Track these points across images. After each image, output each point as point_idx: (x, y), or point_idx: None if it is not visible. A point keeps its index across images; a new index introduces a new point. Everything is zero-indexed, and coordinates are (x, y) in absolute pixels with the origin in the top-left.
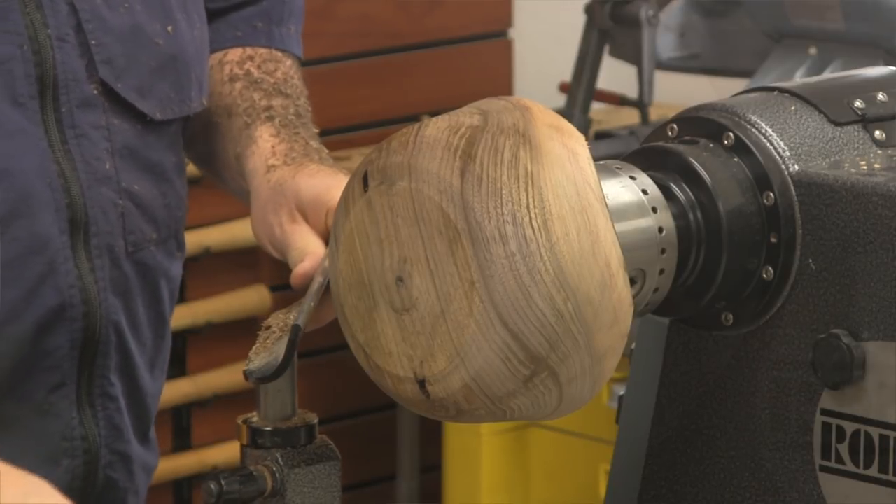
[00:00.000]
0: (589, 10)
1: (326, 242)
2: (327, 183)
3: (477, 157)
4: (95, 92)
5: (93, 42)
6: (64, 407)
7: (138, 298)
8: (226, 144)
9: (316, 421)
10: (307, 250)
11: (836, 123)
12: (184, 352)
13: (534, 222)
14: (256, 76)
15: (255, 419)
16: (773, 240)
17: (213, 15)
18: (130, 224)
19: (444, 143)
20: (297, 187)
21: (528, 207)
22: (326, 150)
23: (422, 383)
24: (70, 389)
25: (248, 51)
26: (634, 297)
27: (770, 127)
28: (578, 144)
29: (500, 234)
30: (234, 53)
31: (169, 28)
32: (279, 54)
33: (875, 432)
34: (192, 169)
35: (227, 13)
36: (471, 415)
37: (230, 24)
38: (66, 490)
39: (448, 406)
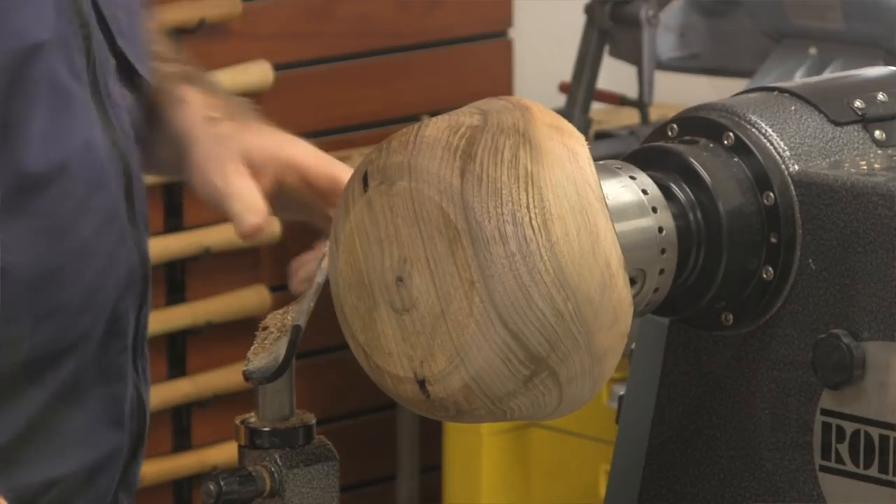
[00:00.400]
0: (589, 10)
1: (269, 201)
2: (278, 141)
3: (477, 157)
4: (114, 63)
5: (107, 14)
6: (128, 371)
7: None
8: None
9: (314, 421)
10: (254, 206)
11: (836, 123)
12: (184, 352)
13: (534, 222)
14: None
15: (253, 420)
16: (773, 240)
17: None
18: (140, 205)
19: (444, 143)
20: (246, 145)
21: (528, 207)
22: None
23: (422, 383)
24: (130, 353)
25: None
26: (634, 297)
27: (770, 127)
28: (578, 144)
29: (500, 234)
30: None
31: None
32: None
33: (875, 432)
34: None
35: None
36: (471, 415)
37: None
38: (127, 453)
39: (448, 406)
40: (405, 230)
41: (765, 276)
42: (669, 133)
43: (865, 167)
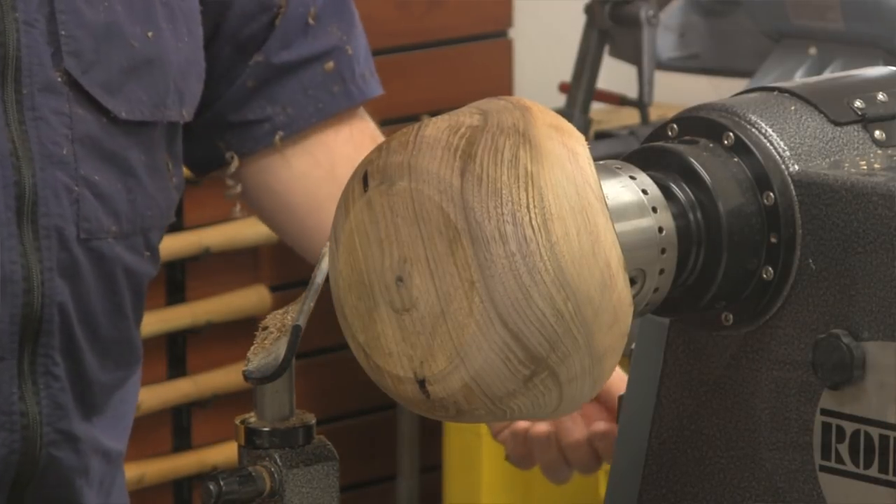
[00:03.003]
0: (589, 10)
1: None
2: None
3: (477, 157)
4: (60, 80)
5: (63, 32)
6: (4, 380)
7: (90, 285)
8: None
9: (314, 421)
10: None
11: (836, 123)
12: (184, 352)
13: (534, 222)
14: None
15: (253, 420)
16: (773, 240)
17: (282, 72)
18: (86, 211)
19: (444, 143)
20: None
21: (527, 207)
22: None
23: (422, 383)
24: (10, 364)
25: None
26: (634, 297)
27: (770, 127)
28: (578, 144)
29: (500, 234)
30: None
31: (150, 34)
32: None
33: (875, 432)
34: (188, 171)
35: (296, 71)
36: (471, 415)
37: (306, 92)
38: (2, 464)
39: (448, 406)
40: (405, 230)
41: (765, 276)
42: (669, 133)
43: (865, 167)
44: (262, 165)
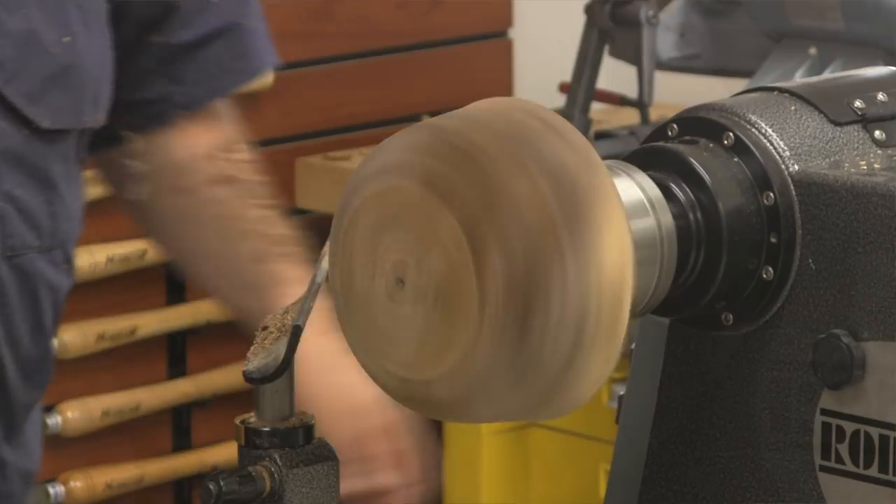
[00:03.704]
0: (589, 10)
1: None
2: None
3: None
4: None
5: None
6: None
7: (15, 303)
8: (227, 254)
9: (314, 421)
10: None
11: (836, 123)
12: (184, 352)
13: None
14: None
15: (252, 420)
16: (773, 240)
17: (181, 52)
18: (10, 228)
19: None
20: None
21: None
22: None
23: (422, 383)
24: None
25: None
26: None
27: (770, 127)
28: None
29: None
30: (211, 142)
31: (65, 39)
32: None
33: (875, 432)
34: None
35: (194, 52)
36: (471, 415)
37: (204, 71)
38: None
39: (448, 406)
40: (405, 230)
41: (765, 276)
42: (669, 133)
43: (865, 167)
44: (161, 144)
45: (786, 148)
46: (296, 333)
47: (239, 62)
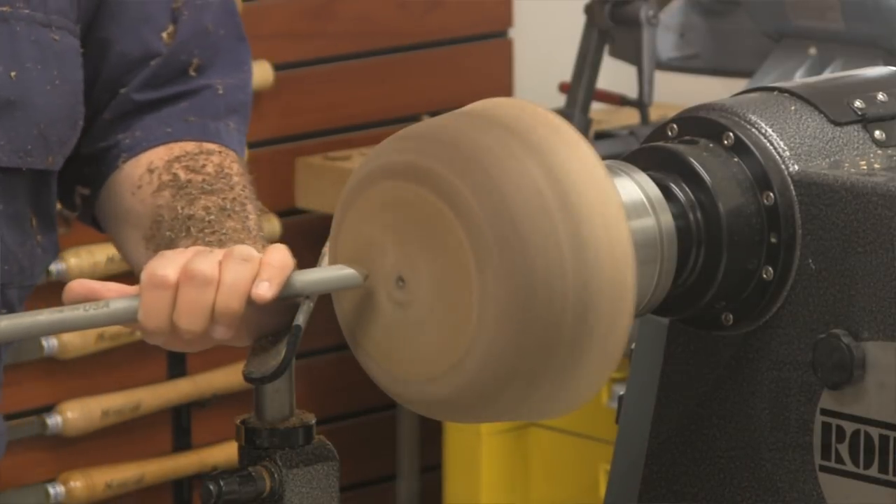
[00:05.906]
0: (589, 10)
1: None
2: None
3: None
4: None
5: None
6: None
7: None
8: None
9: (314, 421)
10: None
11: (836, 123)
12: (183, 352)
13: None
14: (183, 179)
15: (253, 420)
16: (773, 240)
17: (144, 108)
18: None
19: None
20: None
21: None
22: (261, 232)
23: (422, 383)
24: None
25: (176, 149)
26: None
27: (770, 127)
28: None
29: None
30: (160, 155)
31: (13, 73)
32: (211, 146)
33: (875, 432)
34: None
35: (159, 107)
36: (470, 415)
37: (161, 119)
38: None
39: (448, 406)
40: (405, 229)
41: (765, 276)
42: (669, 133)
43: (865, 167)
44: (110, 192)
45: (786, 148)
46: (296, 333)
47: (198, 118)
